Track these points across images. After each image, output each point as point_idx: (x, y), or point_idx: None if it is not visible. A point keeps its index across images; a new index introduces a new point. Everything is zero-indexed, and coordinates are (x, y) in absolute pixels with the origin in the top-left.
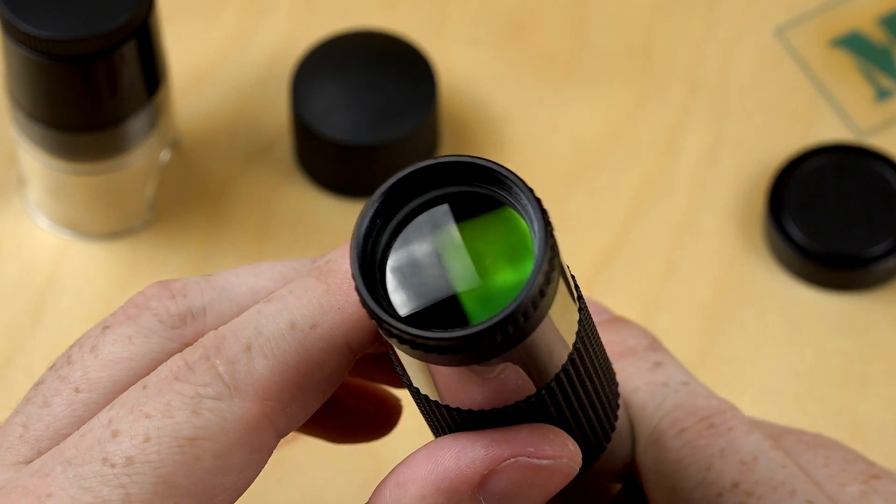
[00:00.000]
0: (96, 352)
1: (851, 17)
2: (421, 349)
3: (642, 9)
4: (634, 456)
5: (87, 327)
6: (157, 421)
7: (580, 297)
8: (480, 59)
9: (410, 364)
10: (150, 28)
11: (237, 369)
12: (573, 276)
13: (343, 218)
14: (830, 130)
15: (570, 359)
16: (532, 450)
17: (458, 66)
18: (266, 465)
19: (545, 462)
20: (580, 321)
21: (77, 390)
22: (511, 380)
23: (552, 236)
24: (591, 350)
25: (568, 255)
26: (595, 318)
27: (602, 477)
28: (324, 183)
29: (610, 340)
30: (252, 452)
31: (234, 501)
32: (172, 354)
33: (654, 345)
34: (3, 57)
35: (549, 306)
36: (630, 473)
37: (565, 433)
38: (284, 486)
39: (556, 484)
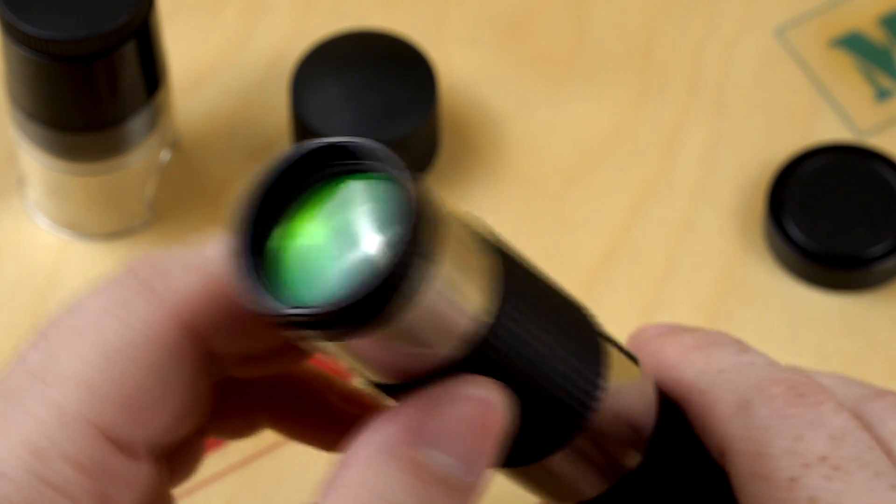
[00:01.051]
0: (73, 309)
1: (851, 17)
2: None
3: (642, 9)
4: (716, 425)
5: None
6: (80, 333)
7: (503, 254)
8: (480, 59)
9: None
10: (150, 28)
11: (156, 278)
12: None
13: None
14: (830, 130)
15: (489, 324)
16: (460, 384)
17: (458, 66)
18: (267, 466)
19: (474, 392)
20: (501, 276)
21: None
22: (416, 352)
23: (415, 201)
24: (521, 312)
25: (568, 255)
26: (666, 330)
27: (616, 446)
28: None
29: (694, 336)
30: (173, 361)
31: (173, 424)
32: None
33: (737, 339)
34: (3, 57)
35: (422, 277)
36: (652, 446)
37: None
38: (283, 487)
39: (493, 422)
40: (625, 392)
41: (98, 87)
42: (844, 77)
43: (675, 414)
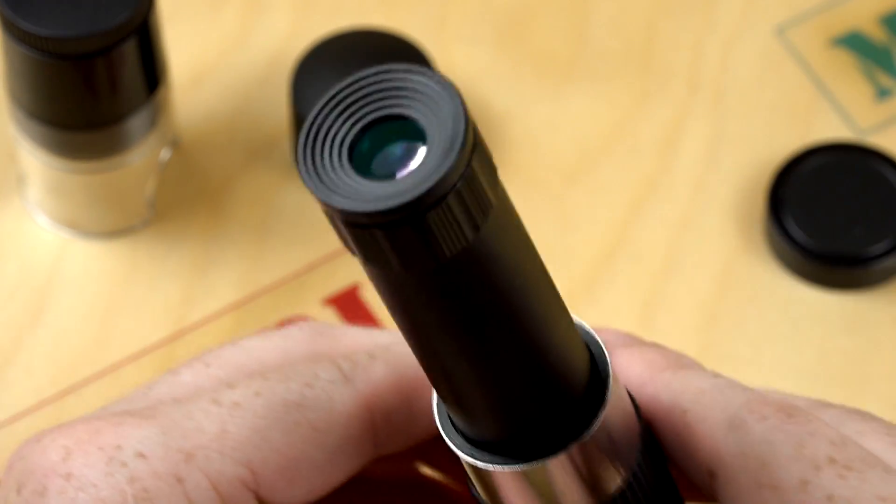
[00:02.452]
0: (236, 342)
1: (852, 17)
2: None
3: (642, 8)
4: (701, 446)
5: (87, 326)
6: (272, 383)
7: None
8: (480, 58)
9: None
10: (150, 27)
11: (356, 367)
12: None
13: None
14: (831, 129)
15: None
16: None
17: (458, 65)
18: None
19: None
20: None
21: (207, 365)
22: None
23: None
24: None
25: (568, 255)
26: (629, 341)
27: (608, 461)
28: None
29: (664, 354)
30: (347, 440)
31: (316, 491)
32: (303, 354)
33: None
34: (3, 55)
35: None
36: (637, 467)
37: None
38: None
39: None
40: (617, 403)
41: (98, 86)
42: (844, 76)
43: (649, 431)
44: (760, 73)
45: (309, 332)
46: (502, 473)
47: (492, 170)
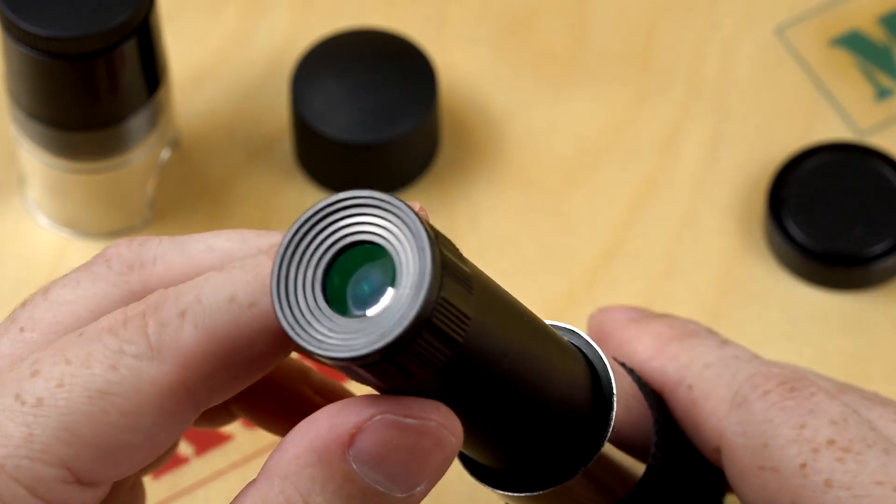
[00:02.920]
0: (46, 294)
1: (851, 17)
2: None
3: (642, 8)
4: (709, 421)
5: None
6: (75, 369)
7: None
8: (480, 58)
9: None
10: (150, 27)
11: (165, 333)
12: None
13: None
14: (830, 129)
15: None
16: (399, 408)
17: (458, 65)
18: None
19: (410, 421)
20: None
21: (22, 329)
22: None
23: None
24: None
25: (568, 254)
26: (638, 316)
27: (627, 458)
28: (324, 182)
29: (670, 325)
30: (163, 417)
31: (143, 464)
32: (116, 300)
33: (711, 330)
34: (3, 55)
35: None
36: (656, 453)
37: (439, 403)
38: None
39: (429, 449)
40: (624, 399)
41: (98, 86)
42: (844, 76)
43: (663, 409)
44: (760, 73)
45: (119, 266)
46: (528, 497)
47: (455, 248)
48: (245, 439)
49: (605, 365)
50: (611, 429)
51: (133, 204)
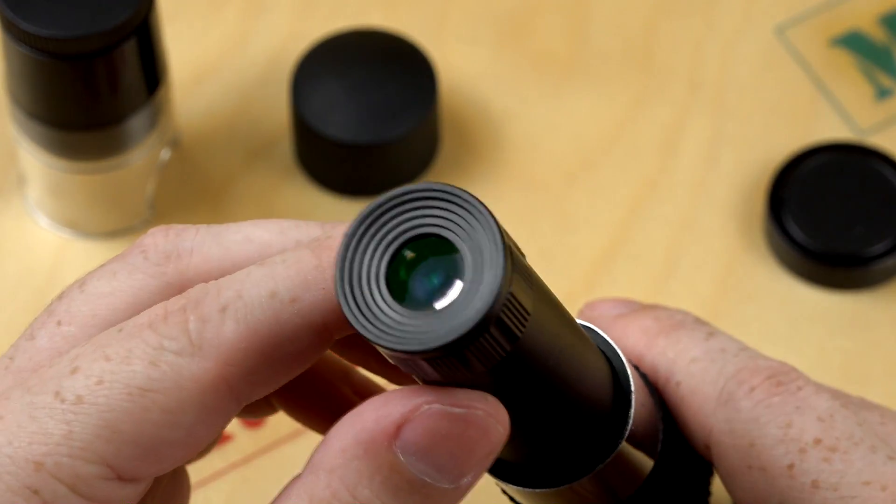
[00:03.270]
0: (83, 287)
1: (851, 17)
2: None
3: (642, 9)
4: (697, 418)
5: None
6: (115, 365)
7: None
8: (480, 58)
9: None
10: (150, 27)
11: (206, 329)
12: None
13: (343, 217)
14: (831, 129)
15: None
16: (446, 398)
17: (458, 65)
18: (267, 465)
19: (457, 410)
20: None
21: (59, 323)
22: None
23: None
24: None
25: (568, 254)
26: (626, 309)
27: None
28: (324, 182)
29: (657, 318)
30: (205, 413)
31: (184, 460)
32: (153, 292)
33: (701, 319)
34: (3, 55)
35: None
36: (663, 451)
37: (486, 393)
38: (283, 485)
39: (477, 439)
40: (641, 396)
41: (98, 86)
42: (844, 76)
43: (664, 405)
44: (760, 73)
45: (156, 257)
46: (542, 493)
47: (527, 275)
48: (245, 439)
49: (624, 363)
50: (629, 427)
51: (133, 204)
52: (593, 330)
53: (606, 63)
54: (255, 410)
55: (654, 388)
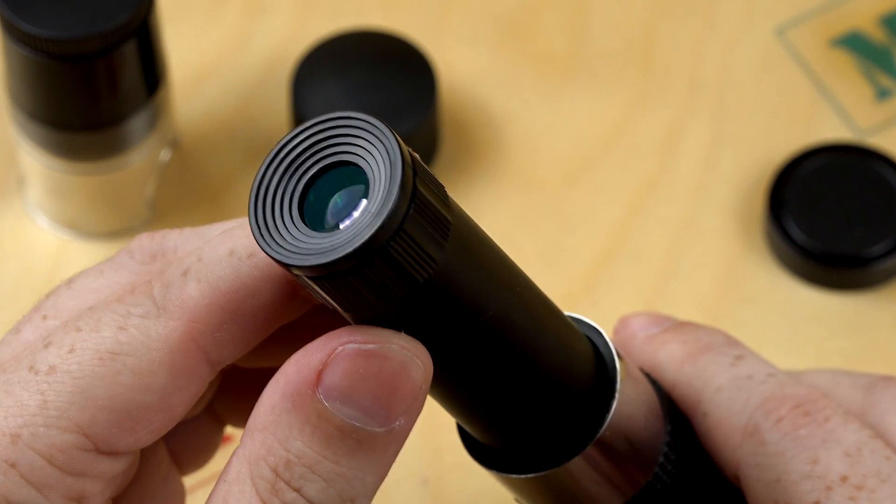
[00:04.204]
0: (70, 284)
1: (852, 17)
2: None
3: (642, 9)
4: (724, 450)
5: None
6: (85, 334)
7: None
8: (480, 58)
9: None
10: (150, 27)
11: (170, 291)
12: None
13: None
14: (831, 130)
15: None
16: (360, 336)
17: (458, 66)
18: None
19: (371, 346)
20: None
21: (45, 317)
22: None
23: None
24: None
25: (568, 255)
26: (657, 328)
27: (628, 457)
28: None
29: (685, 342)
30: (176, 374)
31: (160, 427)
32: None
33: (731, 340)
34: (3, 56)
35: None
36: (664, 466)
37: (400, 332)
38: None
39: (396, 374)
40: (634, 397)
41: (98, 87)
42: (844, 77)
43: (685, 428)
44: (760, 73)
45: (141, 257)
46: (525, 479)
47: (440, 191)
48: None
49: (611, 351)
50: (610, 414)
51: (133, 204)
52: (584, 322)
53: (606, 63)
54: (203, 438)
55: (673, 408)
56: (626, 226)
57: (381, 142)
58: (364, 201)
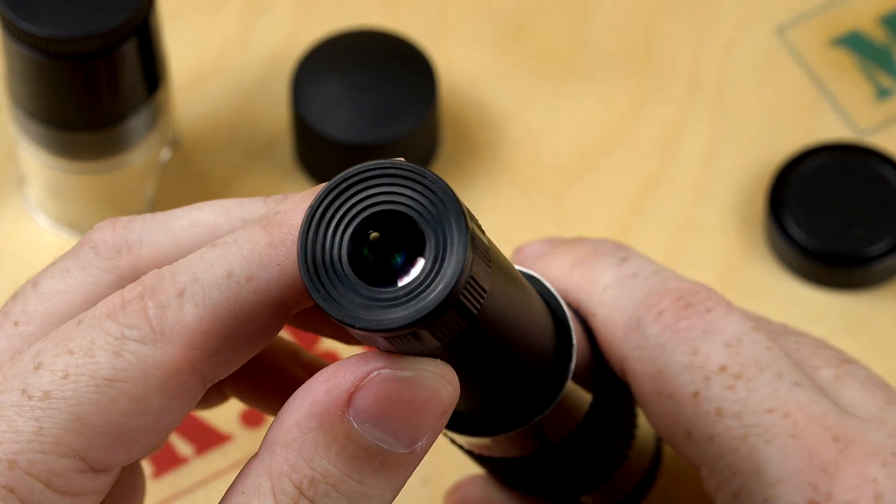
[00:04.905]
0: (37, 286)
1: (852, 17)
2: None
3: (642, 9)
4: (610, 347)
5: None
6: (79, 358)
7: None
8: (480, 58)
9: None
10: (150, 27)
11: (167, 314)
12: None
13: None
14: (831, 129)
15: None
16: (395, 363)
17: (458, 65)
18: None
19: (407, 374)
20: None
21: (16, 323)
22: None
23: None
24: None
25: None
26: (550, 247)
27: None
28: (324, 182)
29: (573, 250)
30: (172, 399)
31: (154, 446)
32: (108, 286)
33: (619, 244)
34: (4, 55)
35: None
36: (596, 383)
37: (430, 357)
38: None
39: (427, 401)
40: (578, 340)
41: (98, 86)
42: (845, 76)
43: (591, 336)
44: (760, 73)
45: (106, 252)
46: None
47: (486, 254)
48: (245, 439)
49: (564, 309)
50: (570, 374)
51: (133, 204)
52: (535, 278)
53: (606, 63)
54: (206, 401)
55: (586, 325)
56: (627, 225)
57: (430, 188)
58: (420, 259)
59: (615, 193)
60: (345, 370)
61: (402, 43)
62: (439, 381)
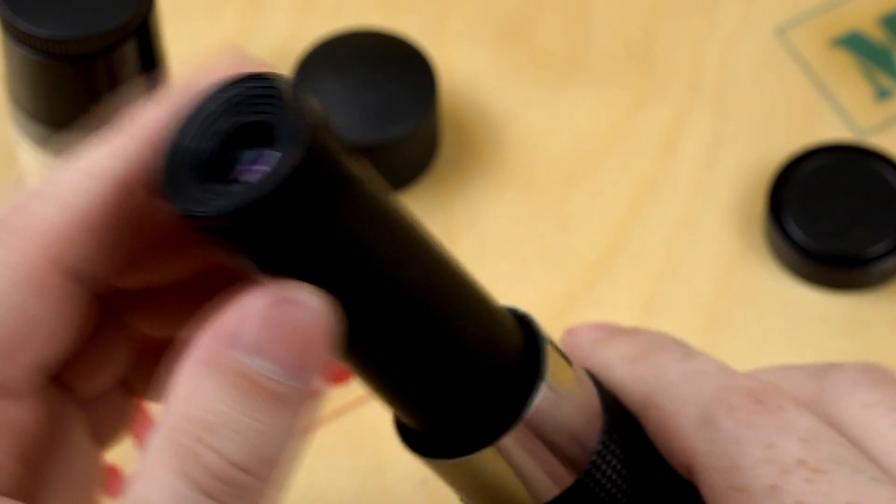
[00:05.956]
0: None
1: (852, 17)
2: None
3: (642, 9)
4: (677, 442)
5: None
6: None
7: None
8: (480, 59)
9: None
10: (150, 27)
11: (14, 216)
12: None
13: None
14: (831, 130)
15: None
16: (272, 288)
17: (458, 66)
18: None
19: (285, 293)
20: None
21: None
22: None
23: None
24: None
25: (568, 255)
26: (604, 334)
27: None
28: None
29: (633, 342)
30: (36, 293)
31: (53, 358)
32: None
33: (679, 340)
34: (3, 56)
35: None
36: (596, 463)
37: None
38: None
39: (310, 321)
40: (563, 394)
41: (98, 87)
42: (845, 77)
43: (632, 428)
44: (760, 74)
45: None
46: (447, 464)
47: (338, 172)
48: None
49: (542, 336)
50: (534, 400)
51: None
52: (514, 309)
53: (606, 63)
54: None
55: (613, 406)
56: (626, 226)
57: (281, 98)
58: (267, 150)
59: (615, 194)
60: (226, 312)
61: (402, 43)
62: (309, 298)
